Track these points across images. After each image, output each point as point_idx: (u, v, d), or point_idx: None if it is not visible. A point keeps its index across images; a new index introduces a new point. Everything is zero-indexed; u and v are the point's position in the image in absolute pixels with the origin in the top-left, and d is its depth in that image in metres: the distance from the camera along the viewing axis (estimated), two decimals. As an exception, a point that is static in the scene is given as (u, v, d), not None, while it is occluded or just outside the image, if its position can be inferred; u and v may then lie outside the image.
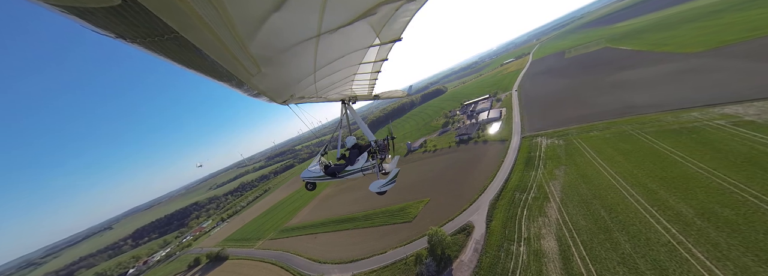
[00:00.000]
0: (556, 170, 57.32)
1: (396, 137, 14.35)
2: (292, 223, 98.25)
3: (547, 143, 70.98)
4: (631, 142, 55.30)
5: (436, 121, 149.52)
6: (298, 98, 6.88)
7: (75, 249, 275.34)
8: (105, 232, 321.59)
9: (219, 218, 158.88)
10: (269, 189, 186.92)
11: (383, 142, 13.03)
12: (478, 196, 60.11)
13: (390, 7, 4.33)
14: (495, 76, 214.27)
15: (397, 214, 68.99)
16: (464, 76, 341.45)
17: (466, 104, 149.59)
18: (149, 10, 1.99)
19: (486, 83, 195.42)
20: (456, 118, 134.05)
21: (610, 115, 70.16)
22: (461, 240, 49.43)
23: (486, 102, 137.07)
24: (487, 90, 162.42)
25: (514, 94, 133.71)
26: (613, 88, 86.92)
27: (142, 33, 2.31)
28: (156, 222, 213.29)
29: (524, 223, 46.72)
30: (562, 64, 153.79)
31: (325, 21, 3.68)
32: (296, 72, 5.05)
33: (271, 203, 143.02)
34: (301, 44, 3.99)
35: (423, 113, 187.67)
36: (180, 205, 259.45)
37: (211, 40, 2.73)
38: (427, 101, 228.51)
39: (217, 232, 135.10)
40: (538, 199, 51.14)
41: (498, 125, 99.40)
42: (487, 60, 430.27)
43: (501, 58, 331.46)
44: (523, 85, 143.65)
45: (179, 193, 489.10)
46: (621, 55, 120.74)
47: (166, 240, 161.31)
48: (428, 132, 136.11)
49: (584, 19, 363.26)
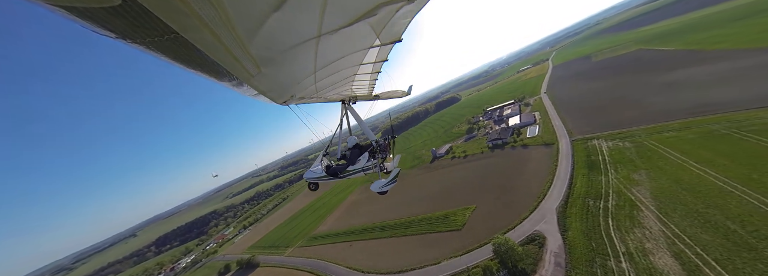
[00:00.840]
0: (635, 175, 51.91)
1: (414, 145, 17.89)
2: (321, 230, 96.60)
3: (609, 146, 65.66)
4: (729, 142, 49.32)
5: (457, 127, 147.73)
6: (298, 98, 6.89)
7: (102, 255, 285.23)
8: (129, 239, 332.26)
9: (241, 226, 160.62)
10: (287, 197, 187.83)
11: (384, 141, 13.02)
12: (538, 203, 55.76)
13: (390, 9, 4.26)
14: (514, 82, 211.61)
15: (440, 221, 65.23)
16: (477, 84, 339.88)
17: (490, 110, 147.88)
18: (149, 10, 2.00)
19: (505, 89, 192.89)
20: (481, 124, 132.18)
21: (681, 115, 65.07)
22: (534, 252, 44.71)
23: (513, 107, 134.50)
24: (509, 96, 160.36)
25: (545, 98, 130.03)
26: (669, 88, 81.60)
27: (142, 33, 2.30)
28: (177, 229, 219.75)
29: (615, 235, 41.16)
30: (592, 68, 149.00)
31: (326, 22, 3.63)
32: (296, 72, 5.01)
33: (292, 211, 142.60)
34: (302, 45, 3.95)
35: (440, 121, 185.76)
36: (199, 213, 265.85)
37: (211, 41, 2.66)
38: (441, 109, 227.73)
39: (241, 239, 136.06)
40: (622, 208, 45.59)
41: (535, 129, 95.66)
42: (498, 68, 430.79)
43: (516, 66, 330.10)
44: (553, 89, 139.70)
45: (197, 201, 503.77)
46: (662, 55, 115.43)
47: (188, 247, 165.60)
48: (451, 138, 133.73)
49: (601, 26, 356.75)
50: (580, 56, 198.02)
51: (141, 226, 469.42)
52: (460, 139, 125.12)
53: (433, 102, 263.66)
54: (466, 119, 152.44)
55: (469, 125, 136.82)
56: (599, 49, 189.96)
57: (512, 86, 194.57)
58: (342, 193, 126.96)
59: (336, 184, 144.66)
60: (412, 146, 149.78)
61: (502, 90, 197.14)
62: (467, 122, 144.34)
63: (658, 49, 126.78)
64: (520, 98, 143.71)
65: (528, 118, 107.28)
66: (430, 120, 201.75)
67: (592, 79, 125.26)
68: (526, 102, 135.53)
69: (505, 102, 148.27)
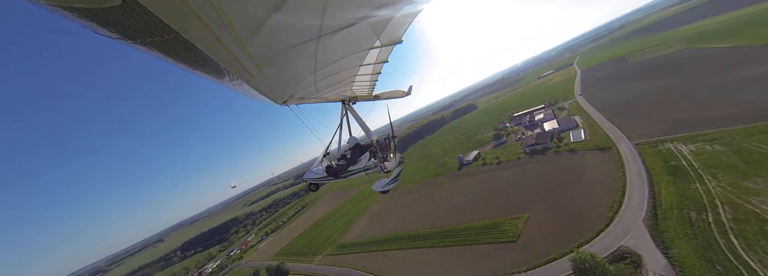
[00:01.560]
0: (747, 183, 43.59)
1: (434, 152, 19.59)
2: (349, 238, 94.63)
3: (692, 149, 57.92)
4: None
5: (481, 134, 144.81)
6: (298, 99, 6.99)
7: (134, 259, 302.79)
8: (157, 244, 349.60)
9: (262, 233, 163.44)
10: (306, 205, 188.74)
11: (384, 141, 13.06)
12: (613, 214, 49.48)
13: (390, 10, 4.26)
14: (537, 87, 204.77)
15: (488, 231, 61.03)
16: (493, 92, 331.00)
17: (518, 115, 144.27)
18: (149, 10, 2.01)
19: (529, 95, 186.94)
20: (509, 130, 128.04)
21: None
22: (628, 272, 38.51)
23: (545, 111, 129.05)
24: (535, 101, 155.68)
25: (582, 101, 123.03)
26: (757, 84, 71.18)
27: (142, 33, 2.31)
28: (200, 235, 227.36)
29: (750, 257, 33.64)
30: (632, 69, 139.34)
31: (326, 22, 3.64)
32: (297, 73, 5.06)
33: (313, 219, 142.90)
34: (302, 45, 3.96)
35: (460, 127, 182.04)
36: (220, 220, 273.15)
37: (211, 41, 2.66)
38: (459, 117, 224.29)
39: (264, 246, 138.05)
40: (746, 223, 38.03)
41: (580, 133, 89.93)
42: (514, 75, 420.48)
43: (536, 71, 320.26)
44: (589, 92, 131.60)
45: (217, 208, 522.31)
46: (724, 52, 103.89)
47: (211, 253, 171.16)
48: (476, 145, 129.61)
49: (626, 30, 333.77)
50: (612, 59, 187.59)
51: (167, 232, 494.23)
52: (487, 146, 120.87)
53: (450, 109, 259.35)
54: (491, 125, 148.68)
55: (495, 131, 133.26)
56: (633, 51, 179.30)
57: (536, 91, 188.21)
58: (363, 202, 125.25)
59: (357, 191, 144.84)
60: (432, 154, 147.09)
61: (524, 95, 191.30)
62: (493, 128, 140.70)
63: (714, 46, 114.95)
64: (553, 102, 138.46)
65: (567, 122, 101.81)
66: (448, 127, 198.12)
67: (637, 80, 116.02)
68: (560, 106, 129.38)
69: (534, 107, 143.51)
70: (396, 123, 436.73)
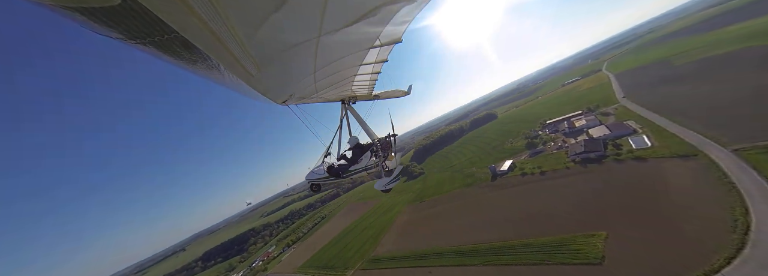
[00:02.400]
0: None
1: (456, 163, 20.02)
2: (381, 252, 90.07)
3: None
4: None
5: (509, 143, 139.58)
6: (298, 98, 7.08)
7: (158, 267, 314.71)
8: (180, 253, 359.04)
9: (284, 244, 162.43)
10: (325, 216, 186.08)
11: (385, 140, 13.06)
12: (743, 234, 40.66)
13: (390, 9, 4.25)
14: (564, 95, 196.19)
15: (555, 250, 53.70)
16: (511, 101, 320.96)
17: (551, 123, 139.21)
18: (149, 9, 2.01)
19: (556, 102, 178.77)
20: (545, 138, 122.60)
21: None
22: None
23: (586, 117, 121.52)
24: (566, 108, 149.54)
25: (631, 105, 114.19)
26: None
27: (142, 33, 2.31)
28: (220, 246, 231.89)
29: None
30: (681, 71, 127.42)
31: (326, 22, 3.62)
32: (296, 72, 5.10)
33: (336, 230, 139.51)
34: (302, 45, 3.94)
35: (482, 137, 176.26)
36: (237, 231, 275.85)
37: (210, 40, 2.66)
38: (478, 127, 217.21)
39: (287, 257, 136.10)
40: None
41: (642, 139, 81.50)
42: (531, 84, 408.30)
43: (558, 79, 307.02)
44: (637, 96, 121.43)
45: (234, 219, 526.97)
46: None
47: (231, 264, 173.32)
48: (507, 155, 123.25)
49: (659, 33, 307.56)
50: (652, 62, 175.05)
51: (188, 241, 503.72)
52: (520, 155, 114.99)
53: (467, 120, 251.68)
54: (520, 134, 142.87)
55: (527, 140, 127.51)
56: (677, 53, 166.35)
57: (564, 98, 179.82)
58: (388, 214, 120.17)
59: (378, 202, 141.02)
60: (455, 164, 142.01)
61: (551, 103, 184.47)
62: (524, 137, 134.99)
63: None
64: (593, 108, 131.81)
65: (620, 127, 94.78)
66: (469, 137, 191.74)
67: (693, 81, 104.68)
68: (603, 111, 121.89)
69: (569, 114, 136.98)
70: (408, 135, 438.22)
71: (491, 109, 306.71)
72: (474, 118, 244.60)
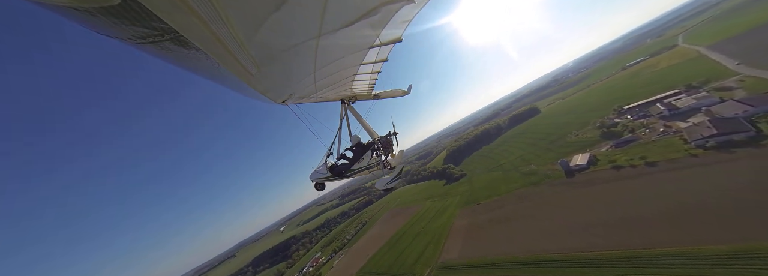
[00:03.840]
0: None
1: (506, 161, 17.71)
2: (449, 259, 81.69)
3: None
4: None
5: (574, 135, 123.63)
6: (297, 98, 7.07)
7: (215, 271, 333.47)
8: (231, 259, 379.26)
9: (330, 250, 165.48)
10: (367, 222, 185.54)
11: (386, 138, 13.15)
12: None
13: (390, 9, 4.27)
14: (632, 77, 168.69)
15: (731, 263, 40.71)
16: (551, 94, 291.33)
17: (632, 108, 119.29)
18: (149, 9, 2.00)
19: (624, 87, 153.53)
20: (629, 125, 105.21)
21: None
22: None
23: (691, 95, 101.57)
24: (642, 91, 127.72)
25: (756, 72, 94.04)
26: None
27: (142, 33, 2.30)
28: (266, 252, 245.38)
29: None
30: None
31: (326, 22, 3.64)
32: (296, 72, 5.11)
33: (384, 236, 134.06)
34: (301, 44, 3.97)
35: (528, 133, 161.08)
36: (279, 238, 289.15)
37: (210, 40, 2.66)
38: (519, 123, 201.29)
39: (338, 263, 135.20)
40: None
41: None
42: (572, 75, 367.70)
43: (612, 63, 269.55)
44: (765, 61, 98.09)
45: (272, 228, 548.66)
46: None
47: (279, 269, 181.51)
48: (575, 148, 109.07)
49: None
50: (756, 26, 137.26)
51: (236, 248, 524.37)
52: (598, 147, 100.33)
53: (504, 116, 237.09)
54: (591, 123, 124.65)
55: (602, 129, 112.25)
56: None
57: (634, 81, 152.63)
58: (439, 219, 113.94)
59: (422, 207, 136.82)
60: (504, 163, 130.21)
61: (614, 89, 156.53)
62: (597, 126, 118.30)
63: None
64: (697, 84, 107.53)
65: (762, 101, 75.77)
66: (511, 135, 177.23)
67: None
68: (717, 86, 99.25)
69: (658, 94, 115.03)
70: (433, 138, 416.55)
71: (530, 103, 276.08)
72: (513, 114, 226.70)
